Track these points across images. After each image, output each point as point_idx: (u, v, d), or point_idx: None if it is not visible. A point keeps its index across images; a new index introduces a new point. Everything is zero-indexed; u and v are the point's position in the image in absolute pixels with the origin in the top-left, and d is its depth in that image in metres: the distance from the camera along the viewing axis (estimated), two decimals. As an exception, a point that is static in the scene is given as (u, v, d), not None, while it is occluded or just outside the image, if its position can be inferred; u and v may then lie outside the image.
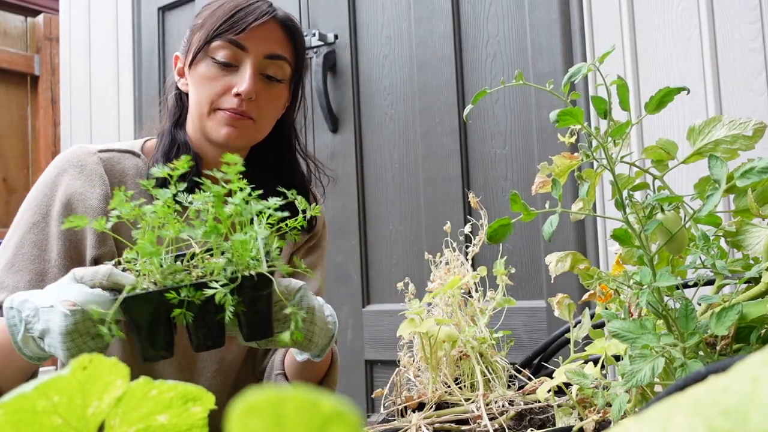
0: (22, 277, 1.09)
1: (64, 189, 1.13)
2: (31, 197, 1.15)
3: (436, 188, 1.99)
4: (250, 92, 1.13)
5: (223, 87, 1.15)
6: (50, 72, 3.78)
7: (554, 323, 1.74)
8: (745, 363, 0.21)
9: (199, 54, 1.16)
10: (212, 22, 1.15)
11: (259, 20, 1.14)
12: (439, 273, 1.01)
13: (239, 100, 1.14)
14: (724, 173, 0.59)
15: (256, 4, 1.17)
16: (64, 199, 1.13)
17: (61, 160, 1.17)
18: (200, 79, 1.16)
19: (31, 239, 1.11)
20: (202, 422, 0.37)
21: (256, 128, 1.18)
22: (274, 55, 1.17)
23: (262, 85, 1.16)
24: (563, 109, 0.66)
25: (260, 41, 1.16)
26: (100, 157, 1.17)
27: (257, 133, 1.19)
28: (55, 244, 1.11)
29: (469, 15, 1.98)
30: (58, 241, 1.11)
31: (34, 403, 0.33)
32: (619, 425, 0.23)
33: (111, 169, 1.18)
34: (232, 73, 1.15)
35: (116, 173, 1.18)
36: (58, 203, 1.13)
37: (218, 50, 1.15)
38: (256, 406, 0.21)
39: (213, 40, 1.14)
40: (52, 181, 1.15)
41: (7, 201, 3.67)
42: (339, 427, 0.21)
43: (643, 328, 0.62)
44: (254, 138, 1.19)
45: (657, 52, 1.62)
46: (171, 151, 1.18)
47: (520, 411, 0.85)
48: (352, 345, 2.12)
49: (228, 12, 1.15)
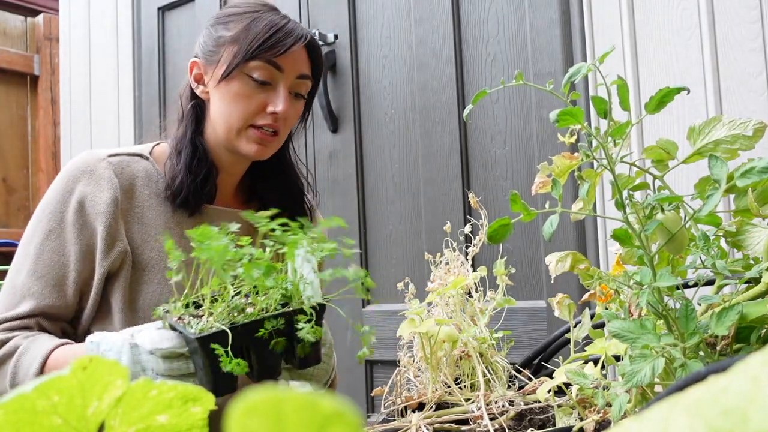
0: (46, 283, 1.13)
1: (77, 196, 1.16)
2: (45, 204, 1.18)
3: (436, 188, 1.99)
4: (287, 113, 1.19)
5: (258, 105, 1.19)
6: (50, 72, 3.78)
7: (554, 323, 1.74)
8: (745, 363, 0.21)
9: (235, 70, 1.18)
10: (249, 40, 1.17)
11: (298, 43, 1.18)
12: (439, 273, 1.01)
13: (274, 118, 1.19)
14: (724, 173, 0.59)
15: (290, 25, 1.20)
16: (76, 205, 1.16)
17: (72, 167, 1.20)
18: (235, 95, 1.19)
19: (50, 246, 1.15)
20: (202, 422, 0.37)
21: (278, 141, 1.23)
22: (303, 76, 1.22)
23: (290, 102, 1.21)
24: (563, 109, 0.66)
25: (294, 63, 1.20)
26: (109, 161, 1.20)
27: (278, 145, 1.25)
28: (72, 249, 1.15)
29: (469, 15, 1.98)
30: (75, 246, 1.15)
31: (34, 403, 0.33)
32: (619, 425, 0.23)
33: (121, 173, 1.20)
34: (267, 91, 1.19)
35: (126, 176, 1.20)
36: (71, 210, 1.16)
37: (255, 69, 1.17)
38: (256, 406, 0.21)
39: (252, 59, 1.17)
40: (65, 188, 1.17)
41: (6, 201, 3.67)
42: (339, 427, 0.21)
43: (643, 328, 0.62)
44: (275, 149, 1.25)
45: (657, 52, 1.62)
46: (193, 162, 1.21)
47: (520, 411, 0.85)
48: (352, 345, 2.12)
49: (266, 31, 1.17)
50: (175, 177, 1.21)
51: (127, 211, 1.19)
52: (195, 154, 1.21)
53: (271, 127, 1.19)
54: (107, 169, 1.18)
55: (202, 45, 1.24)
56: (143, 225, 1.20)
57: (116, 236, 1.16)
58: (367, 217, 2.14)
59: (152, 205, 1.22)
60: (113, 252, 1.16)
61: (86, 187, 1.17)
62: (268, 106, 1.19)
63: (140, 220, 1.20)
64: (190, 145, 1.22)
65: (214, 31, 1.22)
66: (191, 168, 1.20)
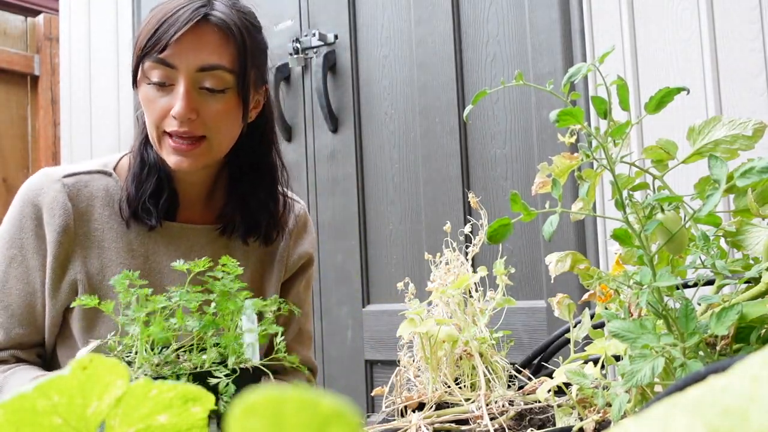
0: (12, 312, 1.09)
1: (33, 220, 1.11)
2: (4, 230, 1.13)
3: (436, 188, 1.99)
4: (184, 114, 1.04)
5: (162, 110, 1.06)
6: (50, 72, 3.78)
7: (554, 323, 1.74)
8: (745, 363, 0.21)
9: (138, 75, 1.09)
10: (140, 39, 1.06)
11: (180, 31, 1.02)
12: (439, 273, 1.01)
13: (178, 123, 1.05)
14: (724, 173, 0.59)
15: (182, 10, 1.04)
16: (34, 229, 1.10)
17: (26, 190, 1.14)
18: (143, 101, 1.09)
19: (14, 274, 1.10)
20: (202, 422, 0.37)
21: (209, 146, 1.09)
22: (207, 66, 1.05)
23: (202, 100, 1.06)
24: (563, 109, 0.66)
25: (189, 54, 1.04)
26: (64, 182, 1.12)
27: (214, 151, 1.10)
28: (38, 275, 1.10)
29: (469, 15, 1.98)
30: (39, 272, 1.10)
31: (34, 403, 0.33)
32: (619, 425, 0.23)
33: (77, 194, 1.12)
34: (168, 93, 1.06)
35: (83, 198, 1.13)
36: (29, 235, 1.11)
37: (150, 71, 1.05)
38: (256, 406, 0.21)
39: (143, 60, 1.06)
40: (19, 212, 1.12)
41: (7, 201, 3.67)
42: (339, 427, 0.21)
43: (643, 328, 0.62)
44: (213, 156, 1.11)
45: (657, 52, 1.62)
46: (141, 173, 1.13)
47: (520, 411, 0.85)
48: (352, 345, 2.12)
49: (154, 26, 1.04)
50: (126, 190, 1.13)
51: (84, 235, 1.12)
52: (143, 165, 1.13)
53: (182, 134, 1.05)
54: (60, 192, 1.11)
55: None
56: (102, 249, 1.13)
57: (65, 267, 1.10)
58: (367, 217, 2.14)
59: (113, 226, 1.14)
60: (63, 285, 1.10)
61: (40, 212, 1.11)
62: (171, 109, 1.05)
63: (99, 245, 1.13)
64: (138, 155, 1.14)
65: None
66: (139, 180, 1.12)
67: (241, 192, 1.19)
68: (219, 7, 1.07)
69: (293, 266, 1.29)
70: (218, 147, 1.11)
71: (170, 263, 1.10)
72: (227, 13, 1.07)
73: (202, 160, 1.09)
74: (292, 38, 2.24)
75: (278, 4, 2.32)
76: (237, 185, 1.19)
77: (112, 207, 1.15)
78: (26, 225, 1.11)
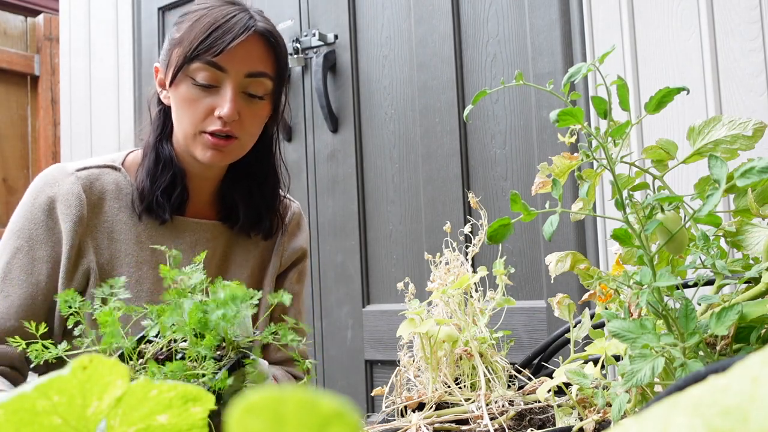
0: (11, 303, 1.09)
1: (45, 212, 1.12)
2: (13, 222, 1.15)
3: (436, 188, 1.99)
4: (231, 116, 1.10)
5: (205, 110, 1.12)
6: (50, 72, 3.78)
7: (554, 323, 1.74)
8: (745, 363, 0.21)
9: (179, 74, 1.12)
10: (190, 40, 1.11)
11: (237, 39, 1.09)
12: (439, 273, 1.01)
13: (222, 122, 1.11)
14: (724, 173, 0.59)
15: (234, 18, 1.11)
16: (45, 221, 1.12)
17: (39, 182, 1.16)
18: (182, 101, 1.13)
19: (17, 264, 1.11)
20: (202, 422, 0.37)
21: (239, 145, 1.16)
22: (255, 73, 1.13)
23: (243, 103, 1.13)
24: (563, 109, 0.66)
25: (240, 60, 1.11)
26: (77, 176, 1.16)
27: (241, 150, 1.17)
28: (44, 267, 1.11)
29: (469, 15, 1.98)
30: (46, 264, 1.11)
31: (34, 403, 0.33)
32: (619, 425, 0.23)
33: (90, 187, 1.16)
34: (213, 94, 1.12)
35: (95, 191, 1.17)
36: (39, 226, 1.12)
37: (198, 72, 1.11)
38: (256, 406, 0.21)
39: (192, 61, 1.10)
40: (32, 204, 1.14)
41: (7, 201, 3.67)
42: (339, 427, 0.21)
43: (643, 328, 0.62)
44: (238, 155, 1.18)
45: (657, 52, 1.62)
46: (156, 169, 1.17)
47: (520, 411, 0.85)
48: (352, 345, 2.12)
49: (205, 30, 1.10)
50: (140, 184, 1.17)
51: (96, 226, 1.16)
52: (158, 160, 1.17)
53: (221, 131, 1.11)
54: (75, 184, 1.14)
55: (162, 48, 1.20)
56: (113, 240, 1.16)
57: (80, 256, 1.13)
58: (367, 217, 2.14)
59: (122, 219, 1.18)
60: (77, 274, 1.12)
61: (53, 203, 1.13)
62: (216, 110, 1.11)
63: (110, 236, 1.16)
64: (153, 151, 1.18)
65: (170, 33, 1.18)
66: (154, 175, 1.16)
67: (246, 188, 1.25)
68: (259, 18, 1.15)
69: (287, 260, 1.34)
70: (245, 147, 1.18)
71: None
72: (268, 24, 1.16)
73: (230, 156, 1.16)
74: (292, 38, 2.24)
75: (278, 4, 2.32)
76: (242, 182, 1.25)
77: (122, 200, 1.19)
78: (37, 216, 1.13)
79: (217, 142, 1.12)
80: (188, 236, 1.23)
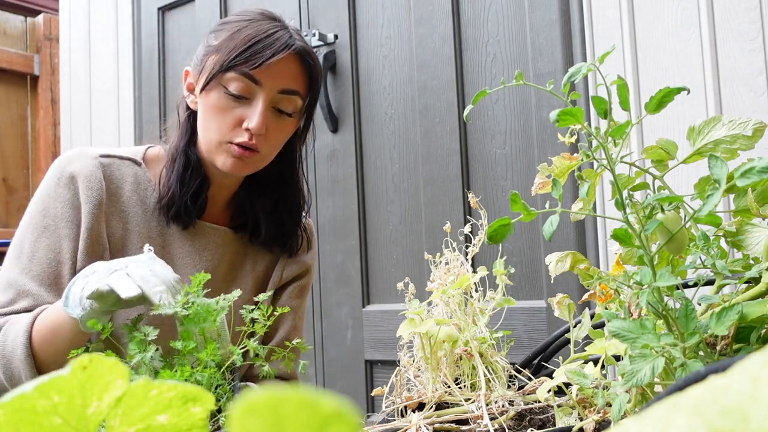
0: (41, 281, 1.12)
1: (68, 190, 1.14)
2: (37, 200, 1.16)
3: (436, 188, 1.99)
4: (260, 129, 1.11)
5: (233, 120, 1.13)
6: (50, 72, 3.78)
7: (554, 323, 1.74)
8: (745, 363, 0.21)
9: (212, 81, 1.13)
10: (228, 50, 1.12)
11: (277, 55, 1.10)
12: (439, 273, 1.01)
13: (249, 135, 1.12)
14: (724, 173, 0.59)
15: (276, 35, 1.12)
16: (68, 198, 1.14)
17: (64, 161, 1.18)
18: (211, 108, 1.14)
19: (44, 243, 1.13)
20: (202, 422, 0.37)
21: (260, 158, 1.17)
22: (287, 90, 1.14)
23: (272, 118, 1.15)
24: (563, 109, 0.66)
25: (276, 76, 1.12)
26: (100, 161, 1.17)
27: (261, 163, 1.18)
28: (67, 245, 1.13)
29: (469, 15, 1.98)
30: (70, 242, 1.13)
31: (34, 403, 0.33)
32: (619, 425, 0.23)
33: (110, 175, 1.18)
34: (243, 105, 1.13)
35: (115, 179, 1.18)
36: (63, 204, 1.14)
37: (232, 81, 1.12)
38: (256, 406, 0.21)
39: (228, 70, 1.11)
40: (56, 183, 1.15)
41: (7, 201, 3.67)
42: (339, 427, 0.21)
43: (643, 328, 0.62)
44: (257, 167, 1.19)
45: (657, 52, 1.62)
46: (186, 173, 1.18)
47: (520, 411, 0.85)
48: (352, 345, 2.12)
49: (246, 41, 1.11)
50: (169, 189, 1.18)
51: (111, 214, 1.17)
52: (188, 165, 1.18)
53: (247, 144, 1.12)
54: (97, 168, 1.16)
55: (195, 54, 1.21)
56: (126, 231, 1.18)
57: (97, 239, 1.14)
58: (367, 217, 2.14)
59: (137, 212, 1.19)
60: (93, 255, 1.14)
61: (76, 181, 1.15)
62: (244, 122, 1.12)
63: (124, 226, 1.18)
64: (183, 156, 1.19)
65: (206, 39, 1.19)
66: (184, 180, 1.17)
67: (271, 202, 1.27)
68: (298, 38, 1.16)
69: (288, 275, 1.34)
70: (265, 160, 1.19)
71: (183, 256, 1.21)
72: (306, 45, 1.17)
73: (250, 168, 1.18)
74: (292, 38, 2.24)
75: (278, 4, 2.32)
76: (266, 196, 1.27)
77: (139, 194, 1.20)
78: (61, 194, 1.14)
79: (243, 153, 1.13)
80: (199, 239, 1.24)
